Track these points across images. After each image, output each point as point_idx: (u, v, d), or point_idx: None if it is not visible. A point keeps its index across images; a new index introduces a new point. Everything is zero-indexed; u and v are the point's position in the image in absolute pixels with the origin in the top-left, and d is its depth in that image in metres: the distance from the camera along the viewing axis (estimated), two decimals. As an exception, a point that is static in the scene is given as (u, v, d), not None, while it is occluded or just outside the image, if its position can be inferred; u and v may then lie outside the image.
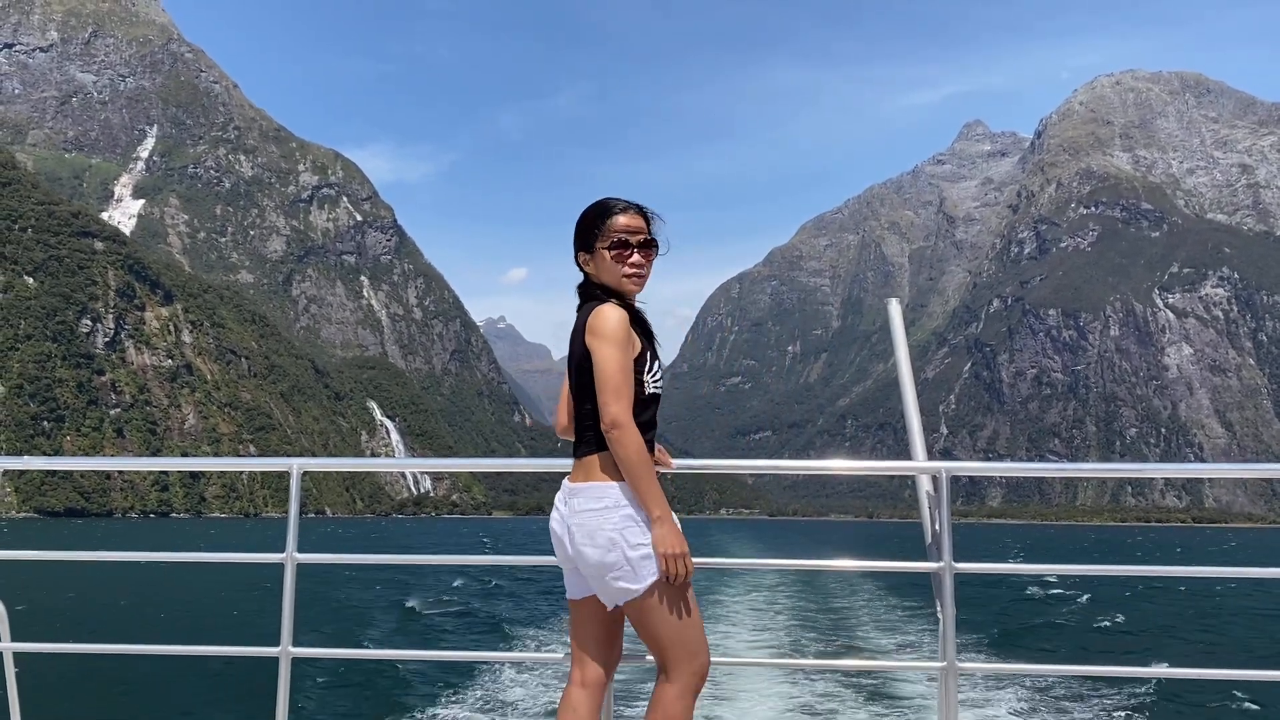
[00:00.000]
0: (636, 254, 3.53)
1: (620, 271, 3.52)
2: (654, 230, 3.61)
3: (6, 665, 4.21)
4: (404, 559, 4.33)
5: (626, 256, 3.52)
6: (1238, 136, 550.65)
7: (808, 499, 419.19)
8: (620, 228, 3.54)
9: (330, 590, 34.12)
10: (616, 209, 3.58)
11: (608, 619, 3.52)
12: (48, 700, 13.99)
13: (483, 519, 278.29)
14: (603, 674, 3.51)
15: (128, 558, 4.64)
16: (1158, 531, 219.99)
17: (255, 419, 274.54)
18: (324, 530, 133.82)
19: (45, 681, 14.70)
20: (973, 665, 3.96)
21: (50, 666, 15.57)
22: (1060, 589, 38.34)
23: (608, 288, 3.54)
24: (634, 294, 3.56)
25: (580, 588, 3.50)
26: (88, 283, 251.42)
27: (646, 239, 3.56)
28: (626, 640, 3.46)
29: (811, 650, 20.72)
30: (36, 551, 4.55)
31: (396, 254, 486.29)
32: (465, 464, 4.37)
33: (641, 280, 3.56)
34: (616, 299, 3.51)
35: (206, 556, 4.39)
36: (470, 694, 15.04)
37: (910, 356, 4.27)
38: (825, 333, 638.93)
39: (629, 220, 3.55)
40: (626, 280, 3.52)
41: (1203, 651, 22.27)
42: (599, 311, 3.40)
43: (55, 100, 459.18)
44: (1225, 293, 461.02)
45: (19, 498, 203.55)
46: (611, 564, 3.31)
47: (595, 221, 3.57)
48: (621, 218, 3.56)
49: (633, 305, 3.57)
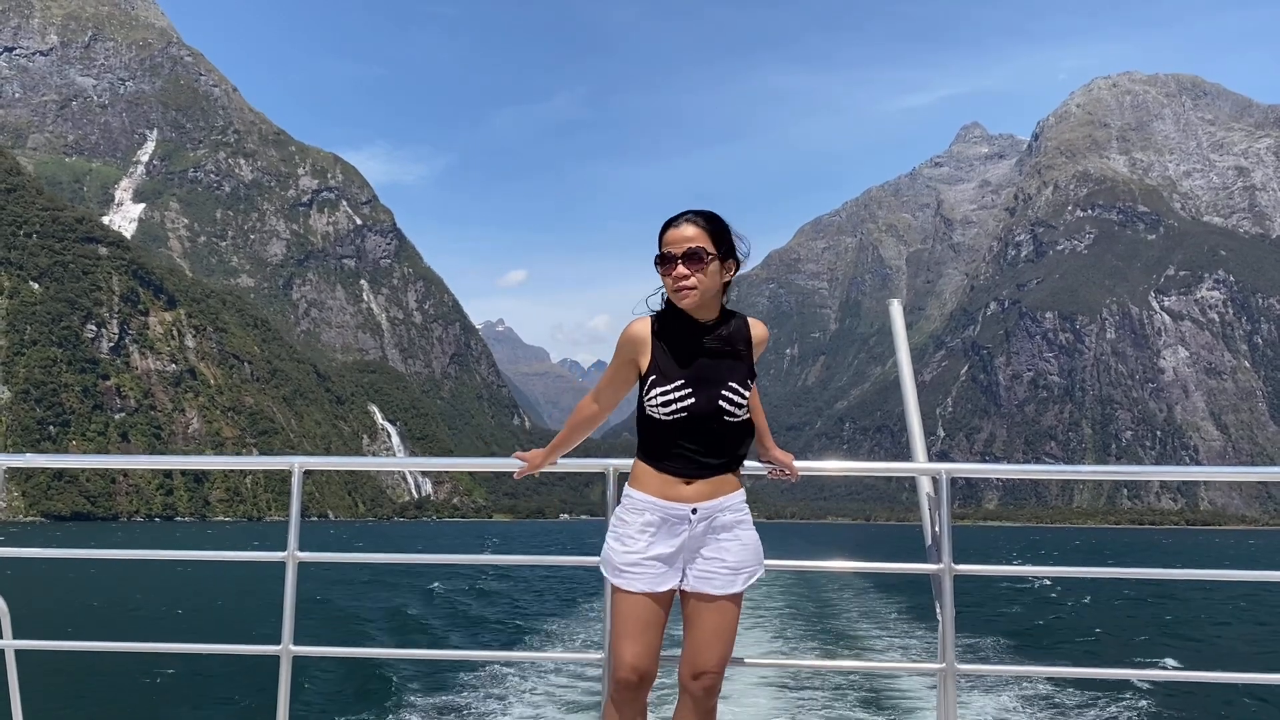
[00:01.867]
0: (680, 265, 3.47)
1: (669, 286, 3.53)
2: (720, 239, 3.54)
3: (8, 663, 4.25)
4: (405, 558, 4.38)
5: (670, 270, 3.50)
6: (1234, 139, 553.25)
7: (805, 501, 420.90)
8: (665, 241, 3.54)
9: (331, 589, 34.07)
10: (670, 222, 3.57)
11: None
12: (49, 698, 14.05)
13: (483, 522, 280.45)
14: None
15: (129, 556, 4.73)
16: (1150, 534, 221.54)
17: (258, 423, 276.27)
18: (326, 533, 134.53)
19: (47, 679, 14.79)
20: (972, 667, 3.95)
21: (52, 664, 15.63)
22: (1059, 591, 38.53)
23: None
24: (688, 307, 3.52)
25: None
26: (92, 288, 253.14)
27: (692, 250, 3.48)
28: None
29: (811, 651, 20.74)
30: (38, 549, 4.61)
31: (396, 258, 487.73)
32: (466, 464, 4.38)
33: (692, 292, 3.49)
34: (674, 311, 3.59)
35: (208, 555, 4.43)
36: (470, 693, 15.04)
37: (910, 358, 4.26)
38: (823, 335, 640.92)
39: (675, 231, 3.52)
40: (675, 295, 3.52)
41: (1201, 654, 22.30)
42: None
43: (55, 104, 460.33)
44: (1221, 295, 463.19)
45: (26, 501, 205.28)
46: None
47: (660, 238, 3.58)
48: (670, 230, 3.54)
49: (693, 320, 3.56)
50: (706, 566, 3.56)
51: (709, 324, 3.58)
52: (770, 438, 3.96)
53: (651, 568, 3.54)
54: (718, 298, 3.59)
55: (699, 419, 3.50)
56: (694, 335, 3.55)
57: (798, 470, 3.92)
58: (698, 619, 3.55)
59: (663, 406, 3.50)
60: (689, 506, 3.54)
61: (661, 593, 3.54)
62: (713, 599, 3.54)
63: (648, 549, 3.54)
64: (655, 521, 3.55)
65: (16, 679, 4.23)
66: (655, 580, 3.54)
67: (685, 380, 3.50)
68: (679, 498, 3.55)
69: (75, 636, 21.92)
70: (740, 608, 3.61)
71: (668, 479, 3.55)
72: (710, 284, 3.51)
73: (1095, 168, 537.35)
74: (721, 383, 3.52)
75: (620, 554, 3.56)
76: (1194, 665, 19.41)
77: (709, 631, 3.52)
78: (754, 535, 3.66)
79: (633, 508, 3.60)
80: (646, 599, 3.52)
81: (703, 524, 3.54)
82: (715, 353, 3.55)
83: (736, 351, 3.59)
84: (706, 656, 3.50)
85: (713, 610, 3.53)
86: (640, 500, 3.58)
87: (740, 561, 3.58)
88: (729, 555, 3.56)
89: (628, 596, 3.53)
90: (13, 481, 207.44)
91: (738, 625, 3.59)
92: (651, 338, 3.58)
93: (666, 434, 3.53)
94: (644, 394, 3.54)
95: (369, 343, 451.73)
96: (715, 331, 3.57)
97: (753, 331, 3.64)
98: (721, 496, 3.58)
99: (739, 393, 3.55)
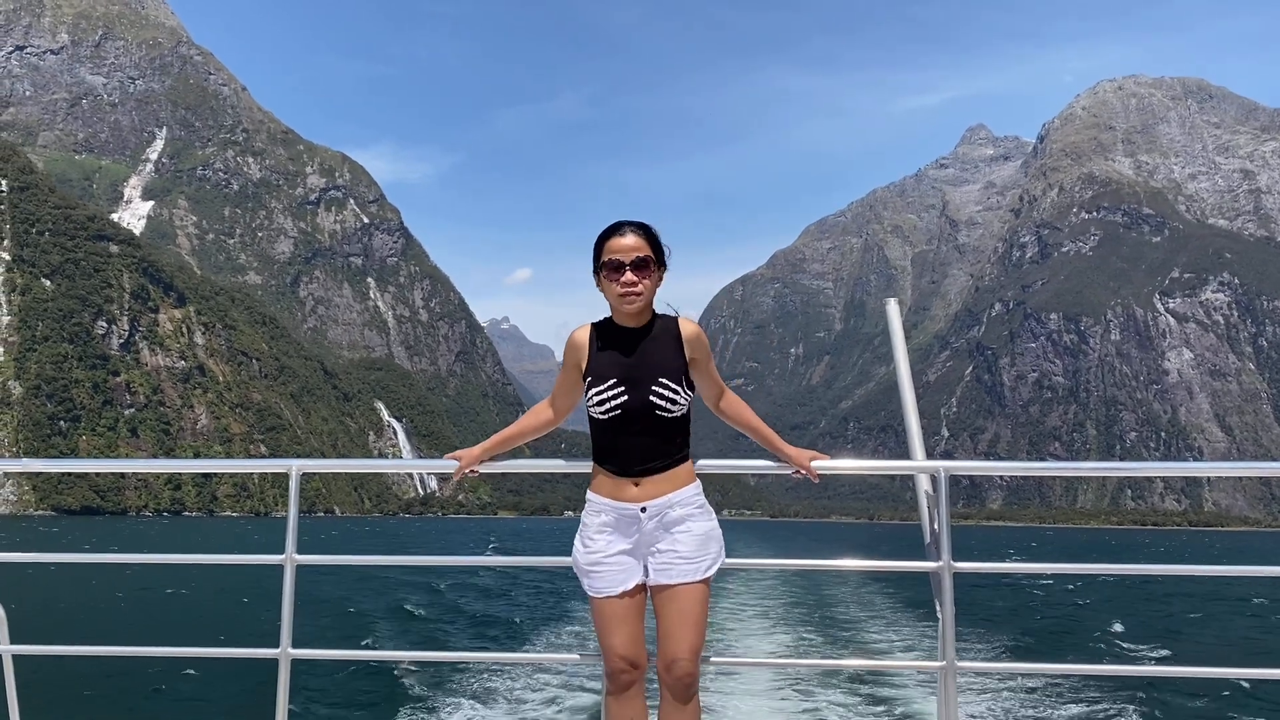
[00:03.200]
0: (629, 273, 3.61)
1: (614, 291, 3.66)
2: (657, 248, 3.70)
3: (6, 668, 4.19)
4: (402, 560, 4.39)
5: (618, 277, 3.64)
6: (1240, 142, 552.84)
7: (809, 500, 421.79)
8: (611, 249, 3.67)
9: (330, 591, 34.10)
10: (612, 231, 3.70)
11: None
12: (47, 703, 13.89)
13: (488, 519, 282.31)
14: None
15: (127, 559, 4.62)
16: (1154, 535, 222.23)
17: (266, 419, 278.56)
18: (331, 530, 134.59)
19: (45, 684, 14.62)
20: (972, 665, 4.03)
21: (50, 669, 15.41)
22: (1059, 588, 38.49)
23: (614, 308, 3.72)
24: (630, 313, 3.68)
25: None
26: (103, 285, 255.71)
27: (640, 258, 3.63)
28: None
29: (811, 650, 20.82)
30: (36, 554, 4.52)
31: (403, 256, 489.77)
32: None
33: (637, 299, 3.65)
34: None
35: (206, 558, 4.39)
36: (469, 694, 15.07)
37: (909, 357, 4.29)
38: (828, 335, 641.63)
39: (621, 240, 3.66)
40: (620, 300, 3.66)
41: (1201, 650, 22.27)
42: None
43: (66, 102, 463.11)
44: (1226, 298, 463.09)
45: (37, 496, 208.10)
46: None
47: (597, 246, 3.72)
48: (615, 239, 3.67)
49: (624, 326, 3.72)
50: (663, 560, 3.67)
51: (641, 328, 3.73)
52: (779, 438, 4.10)
53: (614, 565, 3.68)
54: (650, 304, 3.76)
55: (632, 415, 3.64)
56: (627, 338, 3.71)
57: (816, 471, 3.99)
58: (663, 610, 3.67)
59: (599, 406, 3.65)
60: (638, 505, 3.68)
61: (629, 589, 3.68)
62: (673, 588, 3.65)
63: (608, 547, 3.69)
64: (611, 522, 3.70)
65: (14, 684, 4.19)
66: (619, 578, 3.68)
67: (618, 379, 3.64)
68: (628, 498, 3.69)
69: (73, 641, 20.91)
70: (707, 596, 3.68)
71: (618, 480, 3.69)
72: (652, 291, 3.69)
73: (1100, 170, 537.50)
74: (652, 379, 3.64)
75: (583, 555, 3.72)
76: (1194, 661, 19.22)
77: (674, 620, 3.62)
78: (707, 525, 3.75)
79: (591, 509, 3.76)
80: (616, 597, 3.67)
81: (653, 521, 3.67)
82: (646, 351, 3.68)
83: (666, 349, 3.70)
84: (675, 644, 3.58)
85: (675, 599, 3.63)
86: (596, 502, 3.75)
87: (694, 551, 3.67)
88: (682, 546, 3.66)
89: (598, 596, 3.69)
90: (24, 475, 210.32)
91: (706, 614, 3.67)
92: (590, 343, 3.74)
93: (606, 433, 3.70)
94: (585, 396, 3.70)
95: (375, 340, 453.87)
96: (647, 333, 3.71)
97: (683, 329, 3.75)
98: (671, 493, 3.70)
99: (669, 388, 3.65)
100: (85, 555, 4.57)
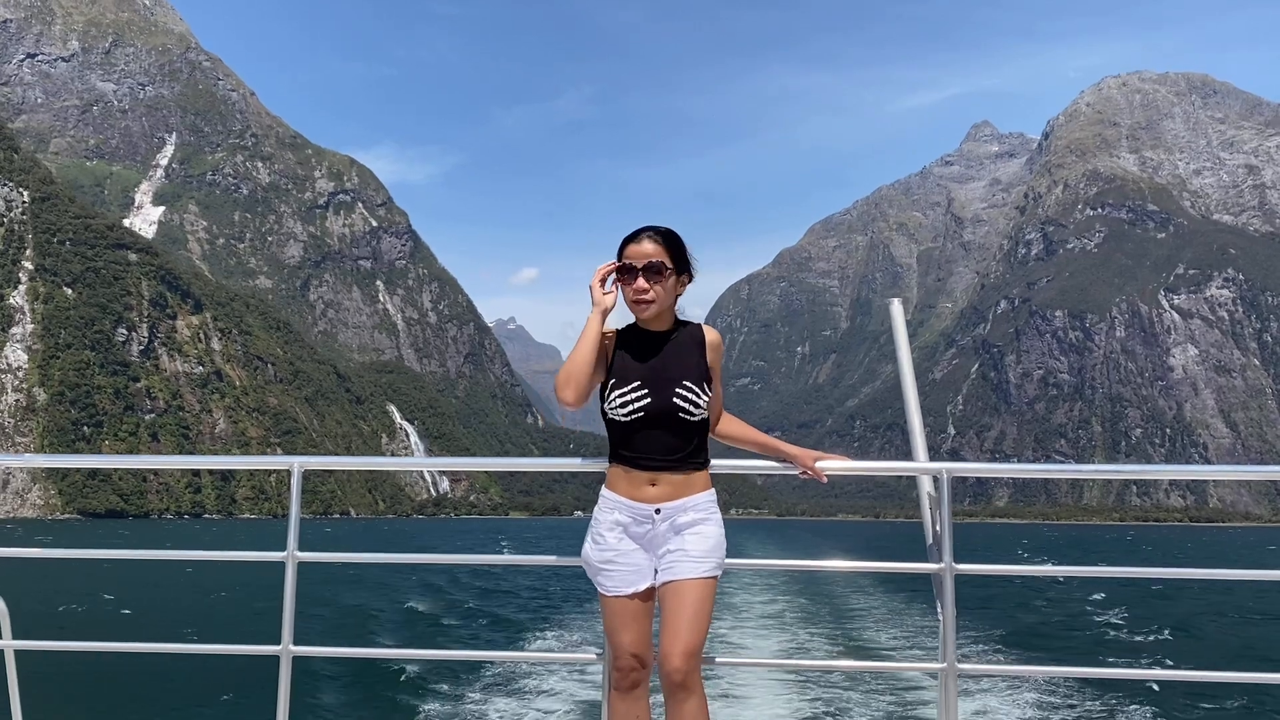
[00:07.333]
0: (640, 279, 3.66)
1: (628, 296, 3.72)
2: (676, 254, 3.73)
3: (8, 663, 4.24)
4: (404, 558, 4.38)
5: (630, 282, 3.69)
6: (1244, 137, 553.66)
7: (816, 499, 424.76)
8: (627, 255, 3.71)
9: (331, 589, 34.00)
10: (631, 237, 3.75)
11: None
12: (49, 698, 13.97)
13: (499, 519, 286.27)
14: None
15: (129, 556, 4.56)
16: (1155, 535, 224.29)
17: (282, 423, 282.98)
18: (327, 532, 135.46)
19: (46, 680, 14.50)
20: (973, 666, 4.01)
21: (51, 665, 15.41)
22: (1061, 590, 38.45)
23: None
24: (645, 318, 3.72)
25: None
26: (123, 293, 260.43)
27: (653, 264, 3.67)
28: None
29: (812, 650, 20.82)
30: (37, 550, 4.57)
31: (411, 259, 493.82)
32: (469, 463, 4.46)
33: (649, 305, 3.69)
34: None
35: (208, 555, 4.34)
36: (470, 693, 15.12)
37: (912, 357, 4.31)
38: (834, 333, 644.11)
39: (637, 246, 3.70)
40: (634, 306, 3.72)
41: (1204, 653, 22.20)
42: None
43: (77, 109, 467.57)
44: (1231, 294, 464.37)
45: (63, 499, 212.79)
46: None
47: (618, 252, 3.76)
48: (632, 245, 3.72)
49: (649, 330, 3.76)
50: (671, 559, 3.69)
51: (664, 332, 3.78)
52: (782, 443, 4.09)
53: (627, 564, 3.71)
54: (671, 309, 3.79)
55: (655, 417, 3.67)
56: (649, 342, 3.74)
57: (821, 471, 4.00)
58: (666, 606, 3.68)
59: (621, 408, 3.67)
60: (653, 506, 3.71)
61: (640, 590, 3.70)
62: (678, 585, 3.66)
63: (618, 544, 3.72)
64: (624, 520, 3.73)
65: (16, 679, 4.23)
66: (631, 578, 3.71)
67: (642, 381, 3.67)
68: (644, 498, 3.72)
69: (75, 637, 21.86)
70: (710, 596, 3.67)
71: (635, 480, 3.72)
72: (667, 297, 3.71)
73: (1105, 166, 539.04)
74: (676, 381, 3.67)
75: (594, 552, 3.75)
76: (1197, 664, 19.37)
77: (676, 616, 3.62)
78: (716, 530, 3.77)
79: (605, 507, 3.78)
80: (626, 596, 3.70)
81: (665, 523, 3.70)
82: (670, 355, 3.73)
83: (689, 354, 3.75)
84: (676, 640, 3.58)
85: (679, 595, 3.64)
86: (611, 499, 3.77)
87: (702, 552, 3.69)
88: (690, 546, 3.69)
89: (609, 595, 3.72)
90: (49, 480, 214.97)
91: (707, 613, 3.66)
92: (615, 345, 3.77)
93: (627, 434, 3.71)
94: (604, 399, 3.71)
95: (385, 343, 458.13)
96: (670, 338, 3.76)
97: (707, 335, 3.81)
98: (685, 497, 3.73)
99: (693, 390, 3.69)
100: (87, 551, 4.59)
